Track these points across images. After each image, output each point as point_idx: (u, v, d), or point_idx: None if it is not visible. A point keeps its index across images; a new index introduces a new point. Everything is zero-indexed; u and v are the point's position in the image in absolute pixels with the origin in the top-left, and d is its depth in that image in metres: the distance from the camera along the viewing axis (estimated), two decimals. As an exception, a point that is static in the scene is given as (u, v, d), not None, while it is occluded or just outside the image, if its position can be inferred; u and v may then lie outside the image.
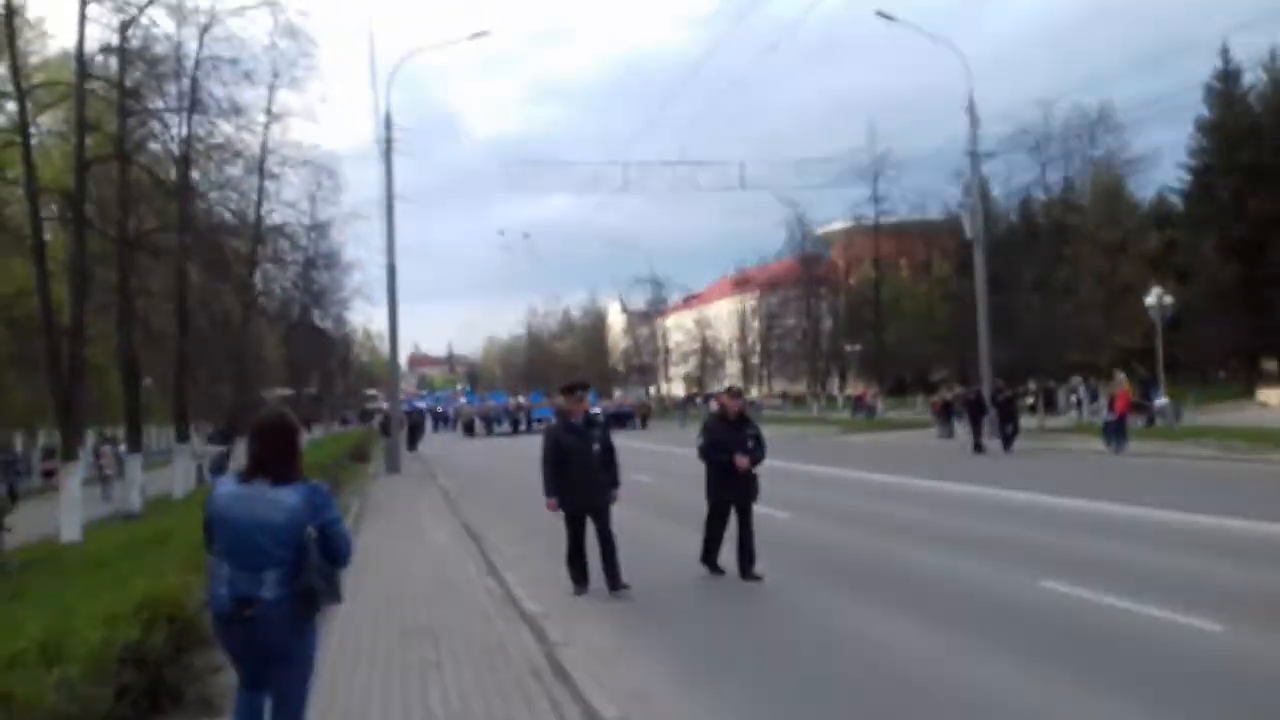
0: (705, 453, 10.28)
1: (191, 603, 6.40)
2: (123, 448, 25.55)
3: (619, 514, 10.07)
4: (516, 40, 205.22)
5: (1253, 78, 47.44)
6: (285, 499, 4.31)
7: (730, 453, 10.00)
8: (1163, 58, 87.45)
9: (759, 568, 10.03)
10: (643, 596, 9.60)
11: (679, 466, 17.55)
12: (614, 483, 9.89)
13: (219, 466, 29.78)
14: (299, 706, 4.55)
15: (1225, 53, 46.76)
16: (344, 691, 6.64)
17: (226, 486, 4.50)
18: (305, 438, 4.96)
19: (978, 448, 27.06)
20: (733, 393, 10.81)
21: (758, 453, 10.19)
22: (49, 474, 28.88)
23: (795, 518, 14.23)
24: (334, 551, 4.43)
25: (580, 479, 9.63)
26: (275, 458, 4.42)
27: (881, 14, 30.75)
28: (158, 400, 32.04)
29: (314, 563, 4.29)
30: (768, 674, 7.11)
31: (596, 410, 57.31)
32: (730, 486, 10.09)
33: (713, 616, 9.02)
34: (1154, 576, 9.53)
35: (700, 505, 10.40)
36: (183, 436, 25.28)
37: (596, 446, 9.75)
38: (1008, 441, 26.76)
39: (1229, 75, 47.12)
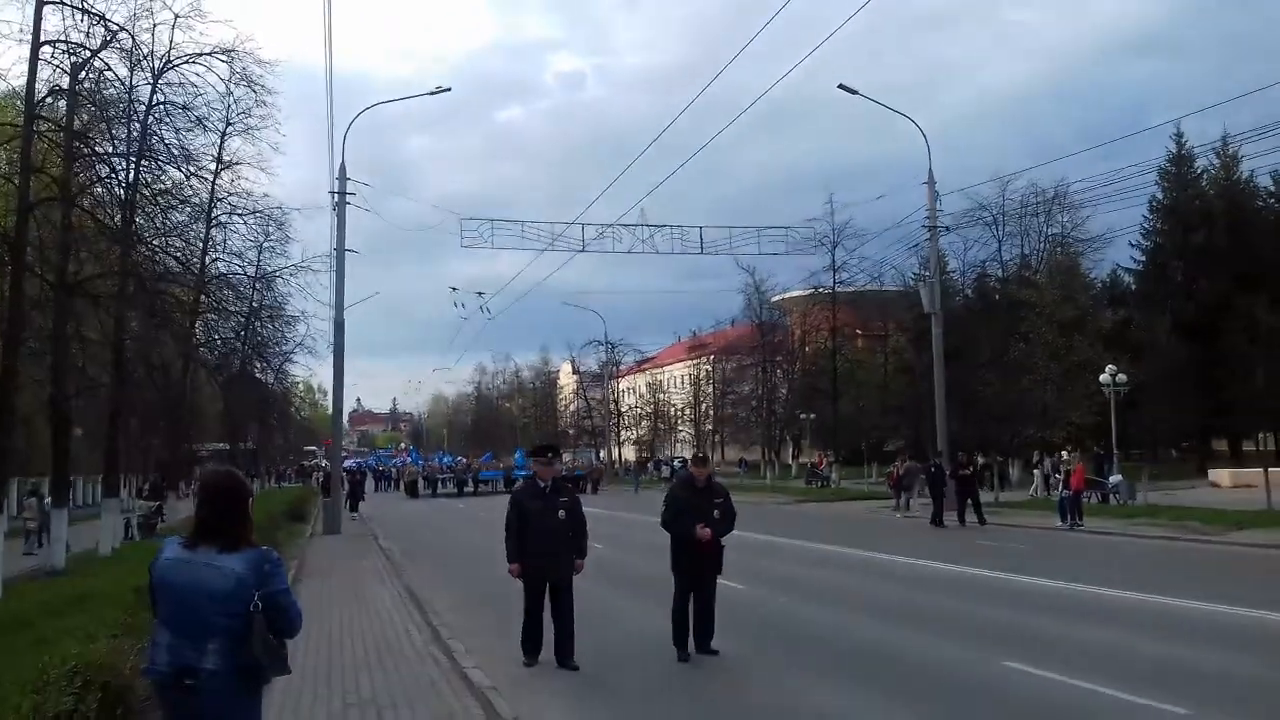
0: (670, 523, 9.63)
1: (125, 669, 6.02)
2: (48, 500, 24.34)
3: (577, 583, 9.48)
4: (475, 95, 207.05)
5: (1205, 163, 48.74)
6: (232, 566, 3.95)
7: (695, 523, 9.39)
8: (1118, 140, 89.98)
9: (715, 642, 9.54)
10: (595, 670, 9.05)
11: (635, 535, 16.93)
12: (580, 553, 9.33)
13: (149, 524, 28.69)
14: None
15: (1179, 137, 48.03)
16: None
17: (170, 551, 4.11)
18: (253, 497, 4.48)
19: (936, 521, 26.67)
20: (698, 460, 10.19)
21: (723, 525, 9.60)
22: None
23: (751, 589, 13.72)
24: (282, 624, 4.06)
25: (542, 546, 9.07)
26: (223, 521, 4.06)
27: (844, 87, 31.08)
28: (87, 452, 30.82)
29: (259, 635, 3.92)
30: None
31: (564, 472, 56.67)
32: (696, 558, 9.46)
33: (667, 691, 8.58)
34: (1118, 657, 9.33)
35: (658, 575, 9.91)
36: (112, 490, 24.19)
37: (562, 514, 9.19)
38: (965, 516, 26.37)
39: (1182, 159, 48.31)
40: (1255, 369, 41.23)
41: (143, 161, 21.69)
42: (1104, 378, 32.55)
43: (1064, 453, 28.90)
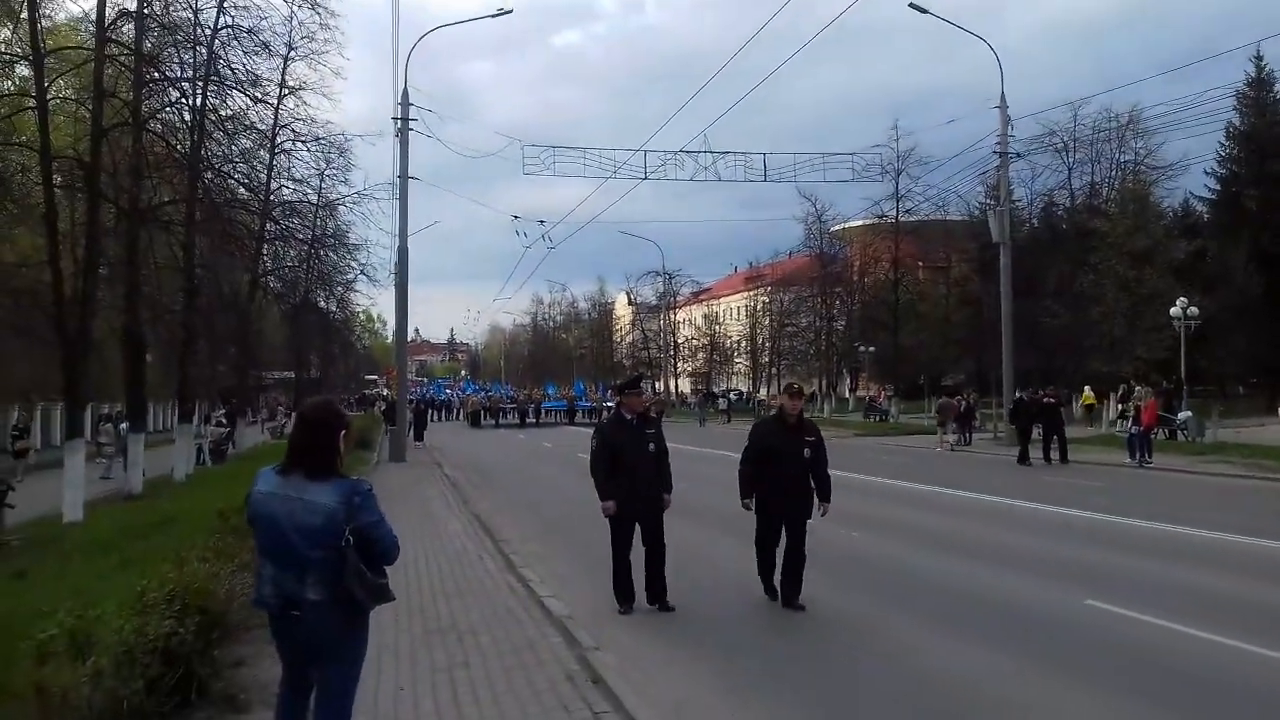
0: (751, 459, 8.99)
1: (220, 593, 6.21)
2: (124, 426, 24.92)
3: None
4: (536, 19, 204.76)
5: (1286, 87, 46.70)
6: (322, 500, 3.98)
7: (783, 461, 8.78)
8: (1193, 63, 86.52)
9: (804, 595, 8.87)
10: (678, 605, 8.85)
11: (709, 470, 16.66)
12: (667, 488, 8.83)
13: (220, 449, 29.35)
14: (345, 702, 4.24)
15: (1258, 59, 46.00)
16: (370, 692, 6.10)
17: (264, 483, 4.15)
18: (349, 429, 4.51)
19: (1023, 459, 25.23)
20: (794, 392, 9.33)
21: (818, 467, 8.89)
22: (20, 454, 28.22)
23: (819, 523, 13.65)
24: (377, 555, 4.11)
25: (632, 482, 8.57)
26: (315, 451, 4.11)
27: (914, 5, 30.09)
28: (160, 377, 31.43)
29: (353, 569, 3.96)
30: (813, 688, 6.70)
31: (610, 404, 56.46)
32: (780, 498, 8.82)
33: (753, 625, 8.54)
34: (1199, 596, 9.18)
35: (739, 512, 9.24)
36: (185, 416, 24.67)
37: (651, 447, 8.71)
38: (1050, 453, 25.23)
39: (1261, 83, 46.36)
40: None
41: (210, 86, 21.74)
42: (1174, 310, 31.75)
43: (1137, 388, 28.18)
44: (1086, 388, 40.10)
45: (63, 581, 9.60)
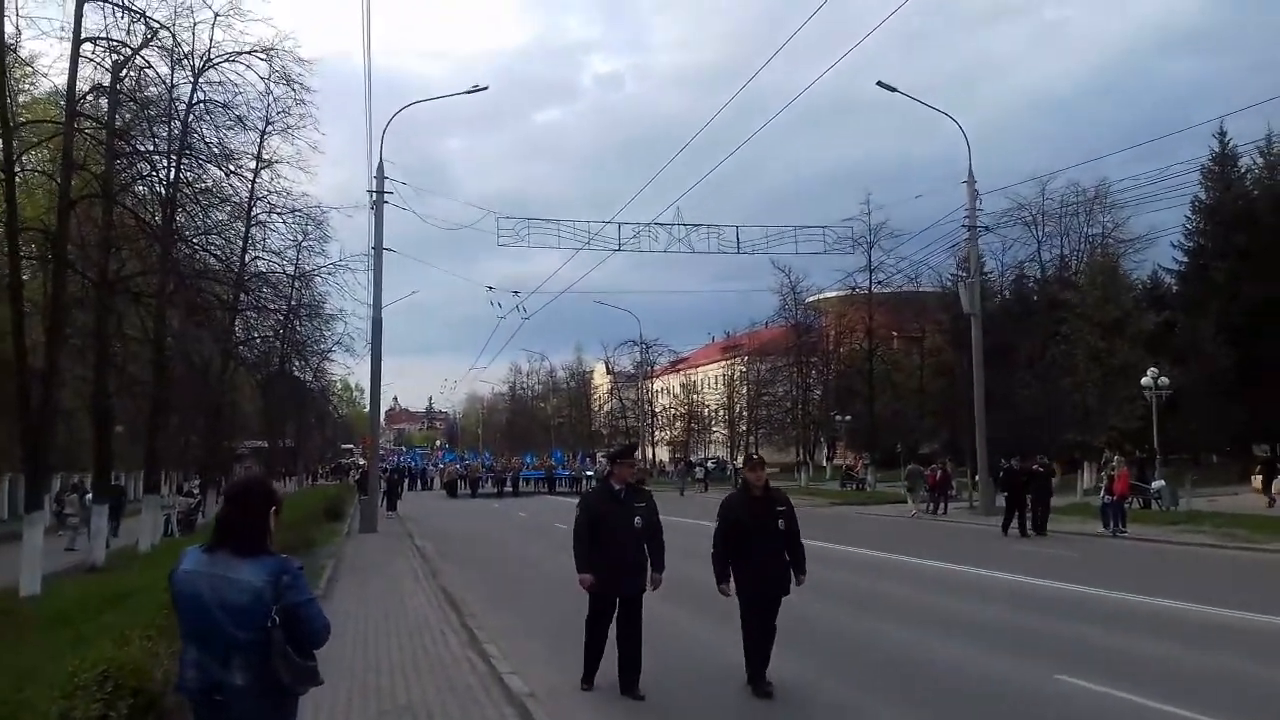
0: (723, 538, 8.44)
1: (157, 673, 5.93)
2: (89, 496, 24.57)
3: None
4: (510, 96, 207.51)
5: (1249, 161, 47.76)
6: (249, 579, 3.82)
7: (756, 537, 8.30)
8: (1159, 139, 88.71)
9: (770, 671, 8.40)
10: (648, 689, 8.33)
11: (693, 542, 16.31)
12: (658, 566, 8.38)
13: (189, 520, 28.95)
14: None
15: (1222, 135, 47.03)
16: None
17: (189, 561, 3.98)
18: (280, 506, 4.35)
19: (1020, 528, 24.62)
20: (754, 463, 8.83)
21: (791, 539, 8.44)
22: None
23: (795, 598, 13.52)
24: (305, 636, 3.92)
25: (615, 556, 8.17)
26: (243, 527, 3.95)
27: (882, 84, 30.76)
28: (127, 448, 31.11)
29: (278, 652, 3.78)
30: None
31: (590, 473, 55.79)
32: (758, 576, 8.30)
33: (726, 711, 8.21)
34: (1174, 671, 9.08)
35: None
36: (152, 487, 24.36)
37: (638, 521, 8.27)
38: (1027, 524, 24.73)
39: (1225, 158, 47.35)
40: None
41: (183, 159, 21.87)
42: (1146, 381, 32.03)
43: (1116, 457, 28.30)
44: (1004, 460, 40.37)
45: (12, 659, 9.33)
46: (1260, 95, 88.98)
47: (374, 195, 29.24)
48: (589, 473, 55.40)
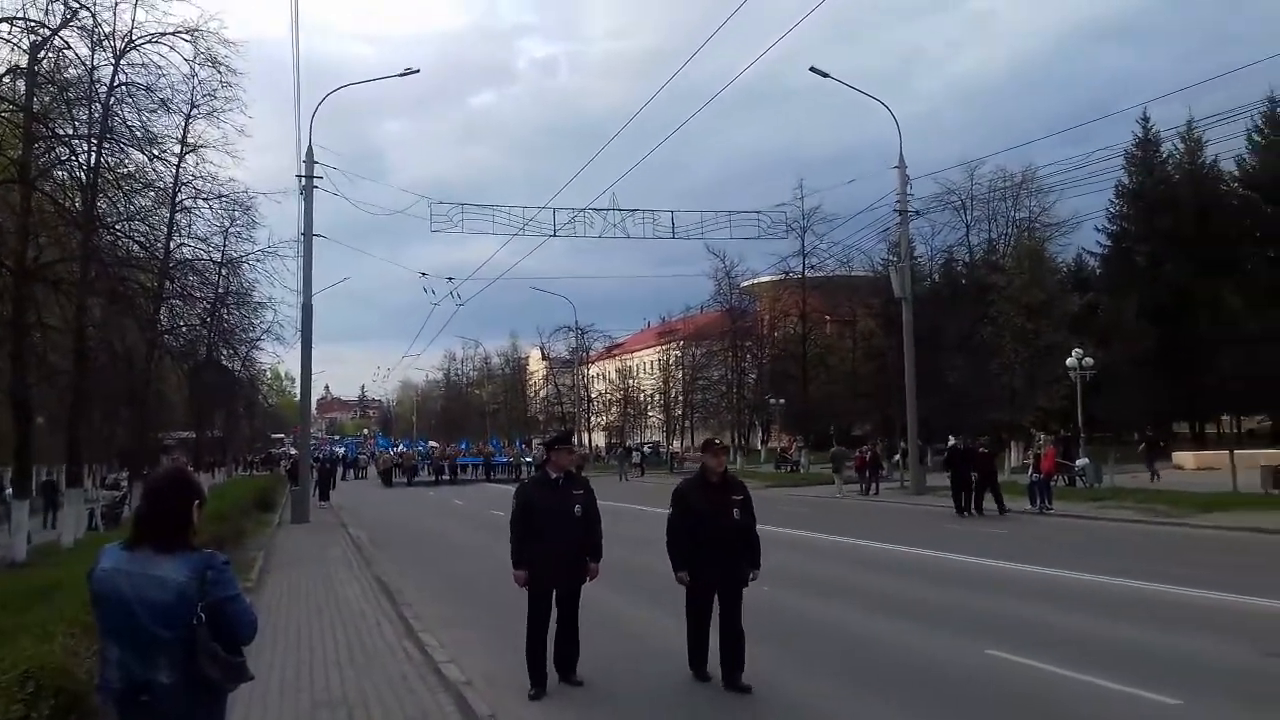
0: (678, 526, 8.09)
1: (81, 672, 5.73)
2: (9, 491, 23.88)
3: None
4: (445, 80, 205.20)
5: (1171, 147, 49.08)
6: (172, 575, 3.69)
7: (712, 525, 7.89)
8: (1083, 124, 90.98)
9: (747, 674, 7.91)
10: (590, 680, 8.20)
11: (636, 528, 16.28)
12: (595, 556, 8.15)
13: (113, 513, 28.27)
14: None
15: (1145, 122, 48.36)
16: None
17: (108, 559, 3.83)
18: (203, 499, 4.21)
19: (963, 509, 24.92)
20: (715, 448, 8.40)
21: (749, 536, 8.02)
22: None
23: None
24: (232, 633, 3.80)
25: (554, 548, 7.85)
26: (163, 522, 3.80)
27: (816, 70, 30.96)
28: (48, 440, 30.27)
29: (204, 650, 3.67)
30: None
31: (529, 459, 55.43)
32: (711, 563, 7.88)
33: (651, 695, 8.18)
34: (1104, 645, 9.26)
35: (668, 576, 8.42)
36: (75, 480, 23.72)
37: (577, 510, 7.98)
38: (983, 503, 25.00)
39: (1148, 144, 48.68)
40: (1220, 353, 41.72)
41: (105, 144, 21.22)
42: (1070, 361, 32.83)
43: (1043, 436, 29.01)
44: (951, 437, 41.16)
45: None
46: (1183, 84, 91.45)
47: (304, 180, 28.69)
48: (528, 459, 55.12)
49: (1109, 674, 7.91)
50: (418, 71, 29.77)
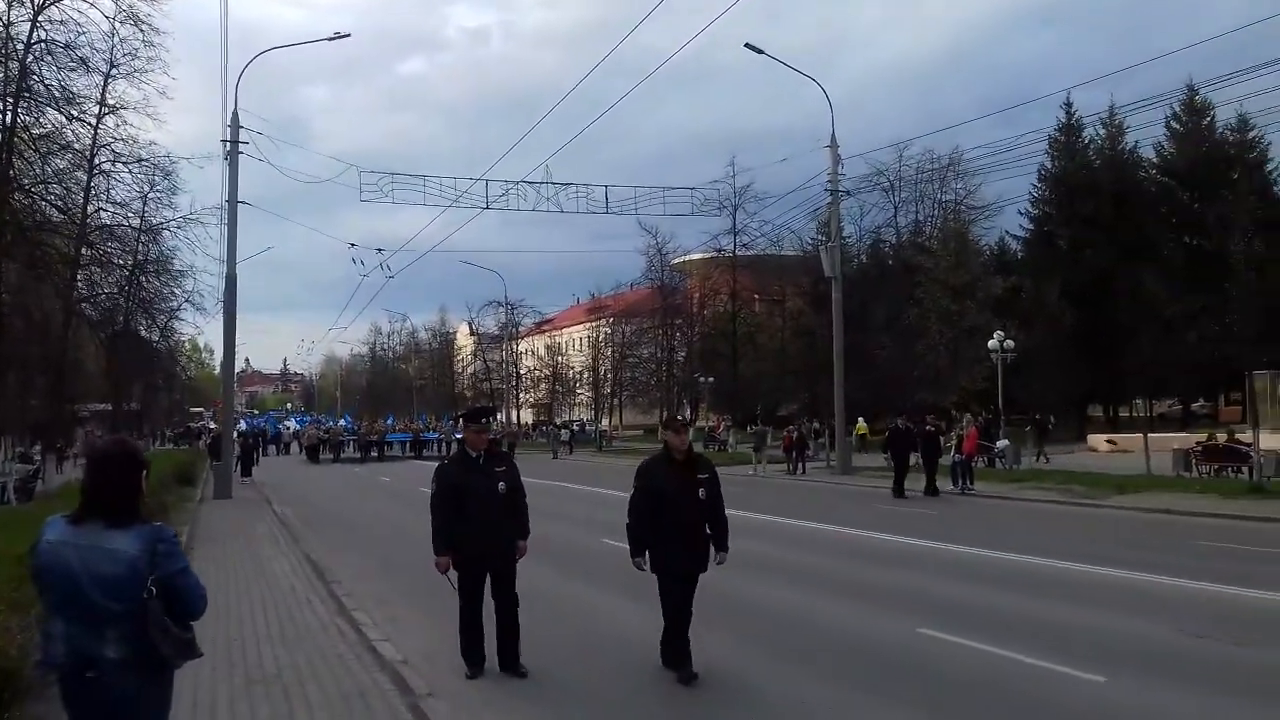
0: (640, 507, 7.68)
1: (11, 649, 5.68)
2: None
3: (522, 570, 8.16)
4: (378, 46, 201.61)
5: (1093, 132, 50.22)
6: (123, 548, 3.63)
7: (677, 507, 7.51)
8: (1008, 109, 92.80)
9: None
10: (533, 667, 7.86)
11: (577, 508, 16.26)
12: (522, 532, 7.90)
13: (26, 487, 27.42)
14: None
15: (1069, 106, 49.38)
16: (178, 758, 5.69)
17: (54, 532, 3.75)
18: (148, 470, 4.10)
19: (899, 490, 24.66)
20: (678, 424, 8.09)
21: (714, 510, 7.71)
22: None
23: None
24: (183, 607, 3.77)
25: (481, 528, 7.57)
26: (111, 495, 3.73)
27: (750, 46, 31.01)
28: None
29: (156, 624, 3.63)
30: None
31: (459, 436, 55.07)
32: (679, 550, 7.52)
33: (601, 681, 8.20)
34: (1030, 623, 9.48)
35: (618, 559, 8.41)
36: (-13, 451, 22.99)
37: (501, 488, 7.71)
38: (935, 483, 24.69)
39: (1071, 129, 49.75)
40: (1139, 337, 42.95)
41: (21, 102, 20.48)
42: (992, 343, 33.50)
43: (966, 416, 29.54)
44: (860, 419, 41.89)
45: None
46: (1105, 69, 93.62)
47: (228, 145, 27.94)
48: (459, 435, 54.38)
49: (1035, 652, 8.11)
50: (348, 36, 29.11)
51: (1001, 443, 31.46)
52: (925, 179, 48.98)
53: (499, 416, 69.79)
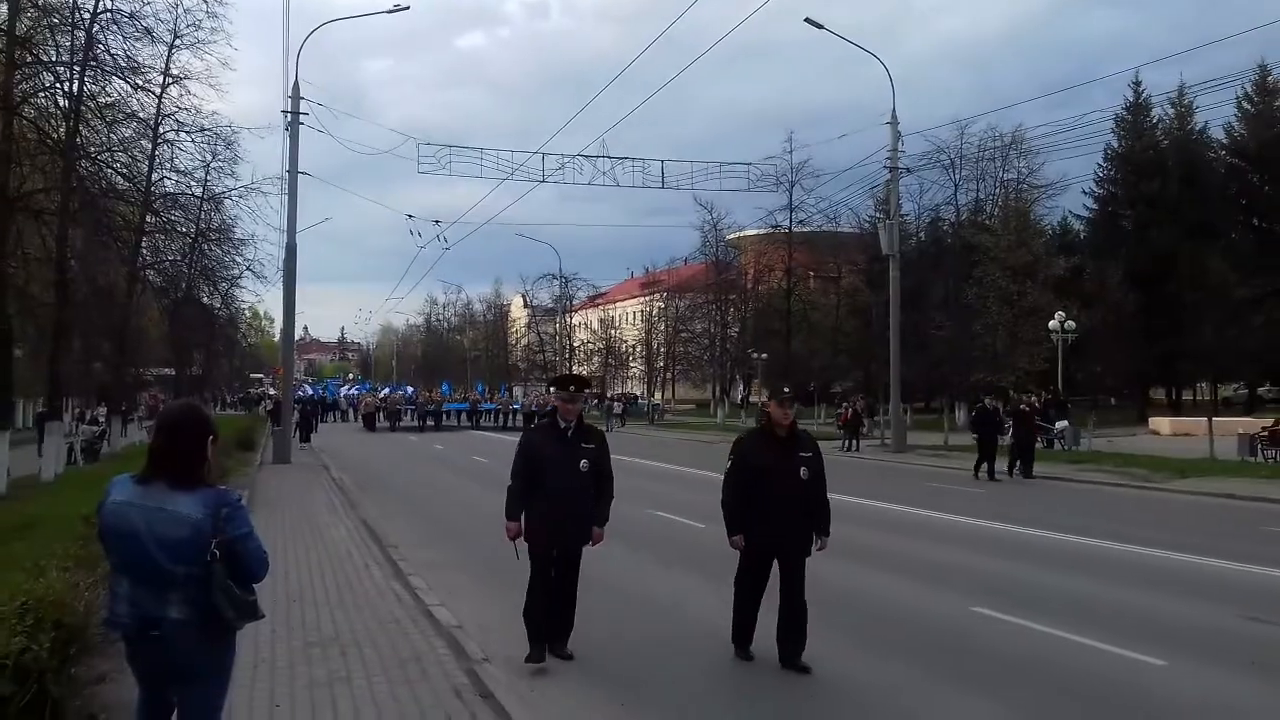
0: (736, 483, 7.22)
1: (79, 605, 5.72)
2: (-12, 422, 23.62)
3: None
4: (437, 19, 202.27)
5: (1161, 112, 49.04)
6: (187, 511, 3.67)
7: (775, 484, 7.05)
8: (1074, 87, 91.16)
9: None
10: (593, 652, 7.53)
11: (649, 485, 16.01)
12: (600, 518, 7.33)
13: (93, 448, 28.11)
14: None
15: (1136, 85, 48.27)
16: (244, 710, 5.86)
17: (120, 492, 3.80)
18: (217, 435, 4.16)
19: (989, 472, 23.19)
20: (784, 398, 7.35)
21: (816, 490, 7.20)
22: None
23: (710, 528, 13.63)
24: (244, 571, 3.80)
25: (558, 505, 7.12)
26: (178, 457, 3.78)
27: (810, 21, 30.63)
28: (27, 373, 29.96)
29: (220, 586, 3.67)
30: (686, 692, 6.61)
31: (517, 406, 54.33)
32: (772, 532, 7.10)
33: (654, 652, 8.07)
34: (1090, 605, 9.36)
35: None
36: (55, 413, 23.50)
37: (584, 465, 7.22)
38: (1020, 466, 23.58)
39: (1139, 108, 48.63)
40: (1203, 319, 42.03)
41: (88, 71, 20.79)
42: (1053, 324, 32.96)
43: (1030, 397, 29.11)
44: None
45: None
46: (1174, 50, 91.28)
47: (289, 116, 28.23)
48: (515, 406, 54.62)
49: (1095, 633, 8.00)
50: (407, 8, 29.17)
51: (1061, 424, 30.97)
52: (987, 157, 48.09)
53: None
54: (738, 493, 7.19)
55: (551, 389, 7.84)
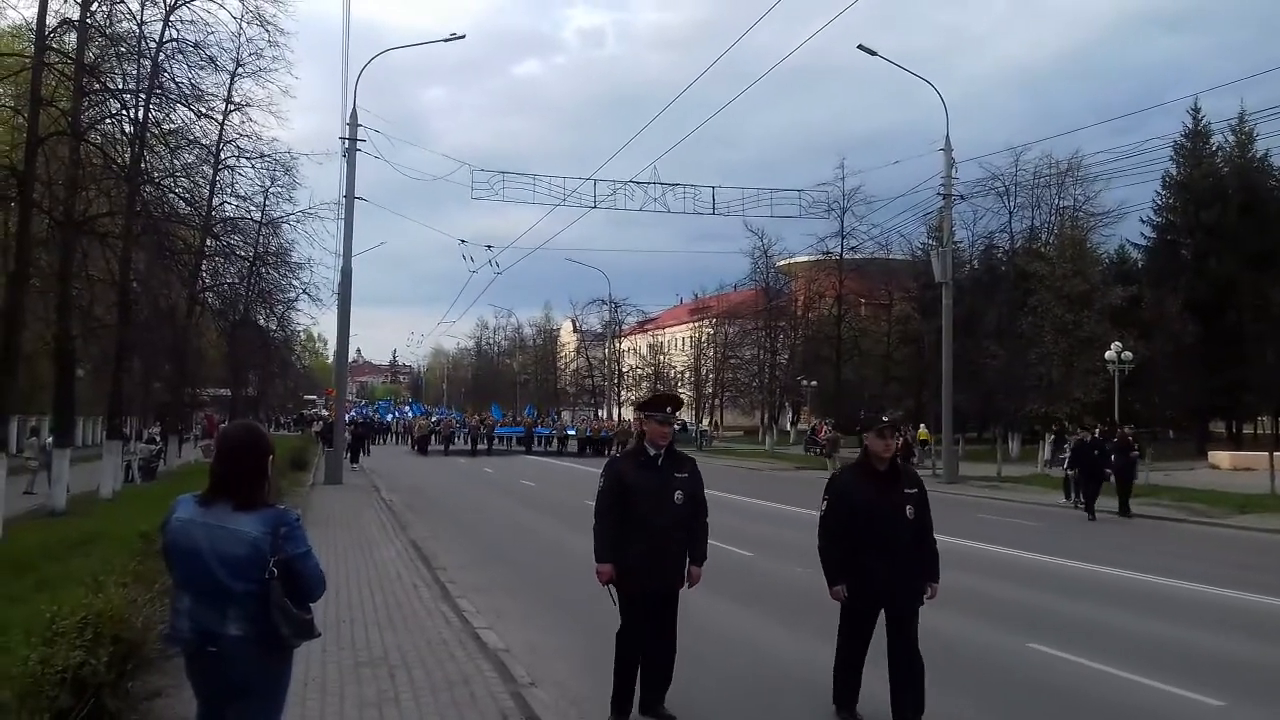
0: (836, 528, 6.45)
1: (137, 621, 5.83)
2: (49, 440, 24.14)
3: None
4: (492, 48, 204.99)
5: (1221, 139, 48.19)
6: (247, 530, 3.75)
7: (879, 526, 6.30)
8: (1132, 114, 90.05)
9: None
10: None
11: (730, 518, 15.68)
12: (696, 556, 6.52)
13: (150, 467, 28.56)
14: None
15: (1195, 112, 47.46)
16: (291, 732, 5.86)
17: (183, 510, 3.89)
18: (275, 455, 4.22)
19: (1089, 510, 21.81)
20: (885, 428, 6.53)
21: (923, 531, 6.49)
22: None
23: (760, 556, 13.62)
24: (303, 589, 3.89)
25: (650, 541, 6.27)
26: (240, 479, 3.86)
27: (863, 48, 30.58)
28: (88, 392, 30.66)
29: (277, 604, 3.74)
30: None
31: (572, 431, 53.68)
32: (879, 580, 6.30)
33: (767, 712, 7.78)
34: (1143, 642, 9.18)
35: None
36: (115, 432, 24.01)
37: (679, 495, 6.42)
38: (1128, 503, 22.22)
39: (1198, 135, 47.77)
40: (1264, 350, 41.10)
41: (153, 99, 21.40)
42: (1110, 354, 32.40)
43: (1081, 430, 28.60)
44: (921, 425, 40.89)
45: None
46: (1233, 76, 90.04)
47: (347, 142, 28.74)
48: (570, 431, 54.65)
49: (1151, 672, 7.84)
50: (463, 37, 29.68)
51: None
52: (1042, 184, 47.48)
53: (600, 413, 69.76)
54: (837, 536, 6.43)
55: (644, 412, 6.91)
